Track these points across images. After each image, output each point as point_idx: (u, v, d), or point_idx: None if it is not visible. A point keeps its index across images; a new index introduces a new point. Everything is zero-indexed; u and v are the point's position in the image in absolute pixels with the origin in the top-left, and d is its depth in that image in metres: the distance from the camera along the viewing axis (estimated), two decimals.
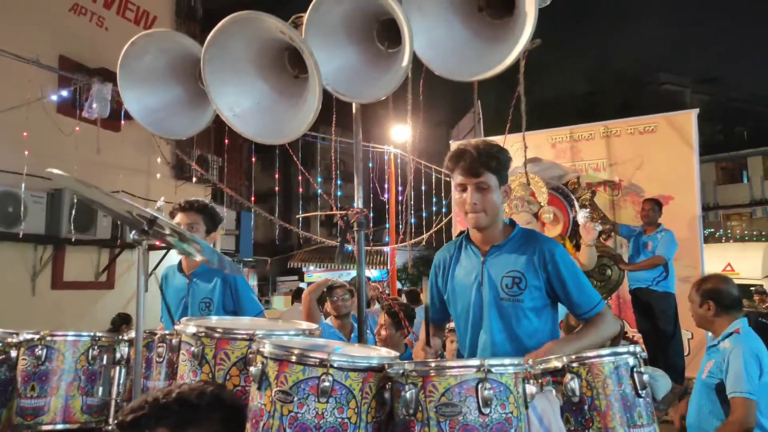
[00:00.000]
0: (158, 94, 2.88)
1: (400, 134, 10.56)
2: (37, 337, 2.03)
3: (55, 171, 1.63)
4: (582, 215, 5.48)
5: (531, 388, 1.40)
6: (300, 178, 9.54)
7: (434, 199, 10.33)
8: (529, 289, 1.98)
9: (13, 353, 2.05)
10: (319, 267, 18.03)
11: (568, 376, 1.50)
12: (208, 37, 2.44)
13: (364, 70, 2.59)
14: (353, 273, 3.03)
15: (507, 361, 1.39)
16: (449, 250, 2.21)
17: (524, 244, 2.04)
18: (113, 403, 1.96)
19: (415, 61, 2.45)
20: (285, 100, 2.67)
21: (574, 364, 1.52)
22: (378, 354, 1.63)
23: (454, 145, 2.21)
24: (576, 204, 5.99)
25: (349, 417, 1.38)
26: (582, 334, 1.97)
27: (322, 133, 9.31)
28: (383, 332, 3.66)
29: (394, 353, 1.61)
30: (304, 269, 18.58)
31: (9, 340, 2.07)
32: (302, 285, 17.54)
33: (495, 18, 2.48)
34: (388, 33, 2.53)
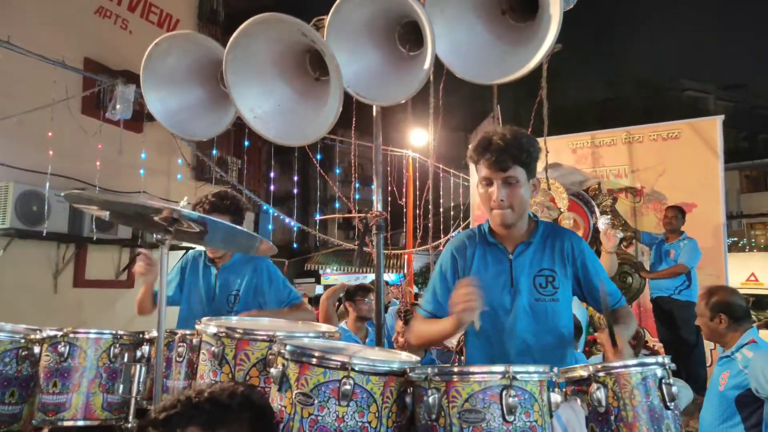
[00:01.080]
0: (180, 96, 2.91)
1: (419, 138, 10.54)
2: (60, 333, 2.05)
3: (75, 191, 1.66)
4: (603, 222, 5.40)
5: (556, 397, 1.37)
6: (318, 180, 9.57)
7: (452, 203, 10.28)
8: (563, 285, 1.91)
9: (36, 349, 2.08)
10: (336, 270, 18.04)
11: (594, 385, 1.46)
12: (231, 39, 2.46)
13: (386, 72, 2.59)
14: (370, 276, 3.02)
15: (532, 368, 1.36)
16: (470, 243, 2.03)
17: (550, 239, 1.97)
18: (133, 401, 1.97)
19: (436, 64, 2.44)
20: (306, 102, 2.68)
21: (601, 374, 1.48)
22: (399, 358, 1.61)
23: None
24: (597, 210, 5.91)
25: (370, 421, 1.36)
26: (627, 319, 1.92)
27: (341, 136, 9.33)
28: (401, 339, 3.63)
29: (415, 357, 1.60)
30: (321, 271, 18.61)
31: (32, 336, 2.11)
32: (318, 289, 17.60)
33: (518, 21, 2.46)
34: (409, 36, 2.53)
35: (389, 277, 14.63)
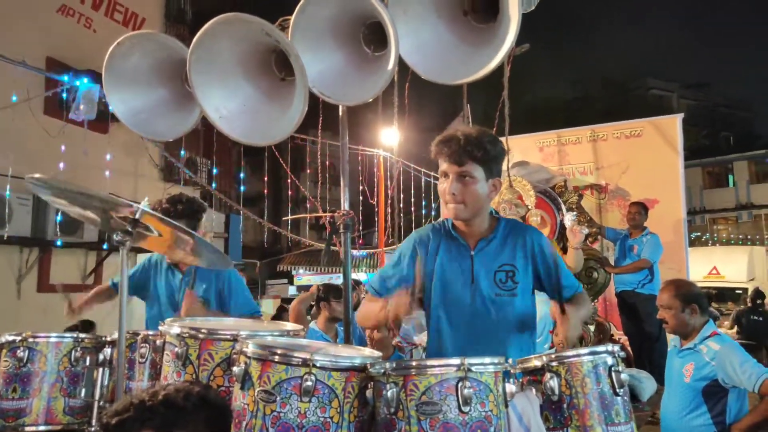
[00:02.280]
0: (144, 96, 2.88)
1: (390, 138, 10.59)
2: (18, 338, 2.01)
3: (36, 175, 1.63)
4: (569, 218, 5.52)
5: (511, 387, 1.41)
6: (289, 181, 9.53)
7: (424, 202, 10.37)
8: (522, 280, 1.96)
9: None
10: (309, 270, 17.96)
11: (548, 375, 1.52)
12: (195, 39, 2.45)
13: (350, 72, 2.61)
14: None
15: (487, 360, 1.39)
16: (436, 233, 2.07)
17: (511, 235, 2.01)
18: (96, 404, 1.95)
19: (403, 64, 2.47)
20: (271, 103, 2.68)
21: (554, 363, 1.53)
22: (361, 354, 1.64)
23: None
24: (563, 207, 6.04)
25: (332, 416, 1.38)
26: (580, 301, 1.99)
27: (312, 137, 9.31)
28: (376, 335, 3.61)
29: (377, 353, 1.62)
30: (293, 272, 18.50)
31: None
32: (291, 290, 17.46)
33: (480, 22, 2.50)
34: (374, 36, 2.55)
35: (362, 276, 14.64)
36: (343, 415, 1.40)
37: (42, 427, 1.98)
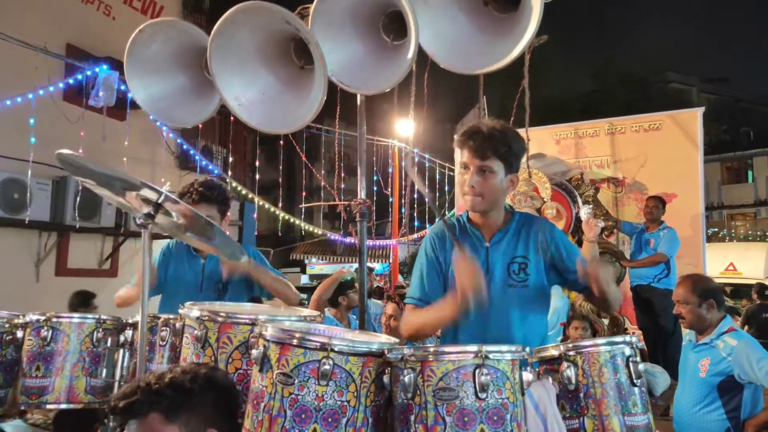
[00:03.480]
0: (164, 83, 2.90)
1: (405, 129, 10.56)
2: (42, 318, 2.07)
3: (65, 151, 1.65)
4: (585, 211, 5.49)
5: (528, 376, 1.42)
6: (303, 170, 9.56)
7: (437, 193, 10.34)
8: (534, 272, 1.98)
9: (19, 334, 2.09)
10: (322, 259, 18.04)
11: (565, 364, 1.52)
12: (215, 27, 2.46)
13: (370, 61, 2.61)
14: (356, 265, 3.03)
15: (504, 347, 1.41)
16: (451, 228, 2.05)
17: (524, 228, 2.04)
18: (116, 384, 1.99)
19: (421, 55, 2.47)
20: (290, 91, 2.69)
21: (571, 353, 1.54)
22: (378, 340, 1.66)
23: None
24: (579, 200, 6.00)
25: (348, 400, 1.40)
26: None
27: (327, 126, 9.33)
28: (393, 323, 3.61)
29: (394, 339, 1.64)
30: (306, 261, 18.60)
31: (15, 321, 2.12)
32: (304, 279, 17.53)
33: (500, 12, 2.49)
34: (393, 25, 2.55)
35: (375, 266, 14.68)
36: (360, 399, 1.42)
37: (63, 405, 2.03)
